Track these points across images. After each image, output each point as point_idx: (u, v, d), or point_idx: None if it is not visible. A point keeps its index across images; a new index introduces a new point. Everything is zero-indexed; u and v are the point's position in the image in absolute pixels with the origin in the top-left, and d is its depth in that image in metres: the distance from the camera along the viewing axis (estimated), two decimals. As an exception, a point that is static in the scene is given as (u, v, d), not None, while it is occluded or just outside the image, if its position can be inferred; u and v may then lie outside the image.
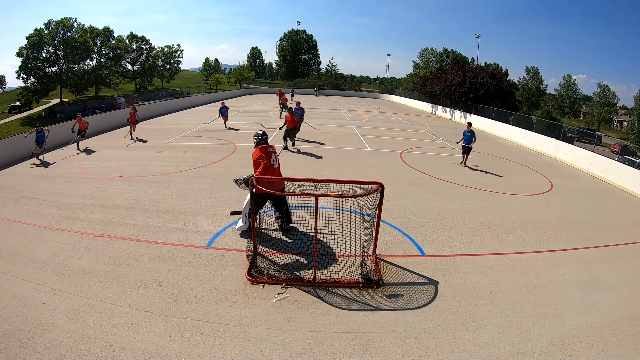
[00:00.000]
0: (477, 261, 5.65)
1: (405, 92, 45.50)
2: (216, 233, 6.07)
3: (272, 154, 5.74)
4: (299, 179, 5.28)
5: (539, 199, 9.06)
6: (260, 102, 31.47)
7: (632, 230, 7.49)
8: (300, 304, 4.37)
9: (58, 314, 4.00)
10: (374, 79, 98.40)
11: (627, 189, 10.64)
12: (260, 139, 5.88)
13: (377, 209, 4.84)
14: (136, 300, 4.29)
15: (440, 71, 33.65)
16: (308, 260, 5.19)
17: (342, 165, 10.82)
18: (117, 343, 3.62)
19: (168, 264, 5.10)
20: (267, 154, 5.68)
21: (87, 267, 4.95)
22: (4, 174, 9.36)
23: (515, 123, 20.01)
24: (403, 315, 4.28)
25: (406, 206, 7.70)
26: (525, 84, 57.34)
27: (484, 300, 4.65)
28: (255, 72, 70.44)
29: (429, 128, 21.50)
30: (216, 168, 9.98)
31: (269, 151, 5.73)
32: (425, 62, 62.27)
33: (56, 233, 5.93)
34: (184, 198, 7.57)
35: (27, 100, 40.67)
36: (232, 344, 3.70)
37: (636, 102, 47.08)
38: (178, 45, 62.85)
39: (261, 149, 5.70)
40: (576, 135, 24.47)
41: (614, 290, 5.11)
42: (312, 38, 75.30)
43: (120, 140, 13.74)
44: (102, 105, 38.03)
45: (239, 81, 62.82)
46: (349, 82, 71.74)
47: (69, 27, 42.27)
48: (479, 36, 46.54)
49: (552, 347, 3.89)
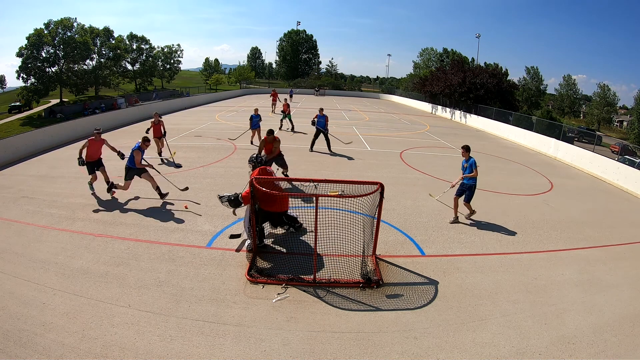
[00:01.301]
0: (477, 261, 5.65)
1: (405, 92, 45.54)
2: (216, 233, 6.06)
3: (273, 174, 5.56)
4: (299, 179, 5.28)
5: (539, 199, 9.06)
6: (260, 102, 31.45)
7: (632, 230, 7.49)
8: (300, 304, 4.37)
9: (58, 314, 4.00)
10: (374, 79, 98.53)
11: (627, 189, 10.64)
12: (256, 162, 5.74)
13: (377, 209, 4.84)
14: (136, 300, 4.29)
15: (440, 71, 33.68)
16: (308, 260, 5.18)
17: (342, 165, 10.82)
18: (117, 343, 3.62)
19: (168, 264, 5.10)
20: (267, 174, 5.46)
21: (87, 267, 4.95)
22: (4, 174, 9.35)
23: (515, 123, 20.01)
24: (403, 315, 4.28)
25: (406, 206, 7.70)
26: (525, 84, 57.35)
27: (484, 300, 4.65)
28: (255, 72, 70.42)
29: (429, 128, 21.51)
30: (216, 168, 9.98)
31: (268, 172, 5.52)
32: (425, 62, 62.26)
33: (56, 233, 5.93)
34: (184, 198, 7.57)
35: (27, 100, 40.68)
36: (232, 344, 3.70)
37: (636, 102, 47.10)
38: (178, 45, 62.94)
39: (260, 170, 5.46)
40: (576, 135, 24.49)
41: (614, 290, 5.11)
42: (312, 38, 75.36)
43: (120, 140, 13.72)
44: (102, 105, 38.06)
45: (239, 81, 62.84)
46: (349, 82, 71.87)
47: (69, 27, 42.30)
48: (479, 36, 46.60)
49: (552, 347, 3.89)
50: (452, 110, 28.61)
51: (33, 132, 12.96)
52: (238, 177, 9.02)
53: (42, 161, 10.67)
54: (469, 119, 25.45)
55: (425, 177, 10.16)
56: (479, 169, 6.79)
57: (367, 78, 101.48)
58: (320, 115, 12.14)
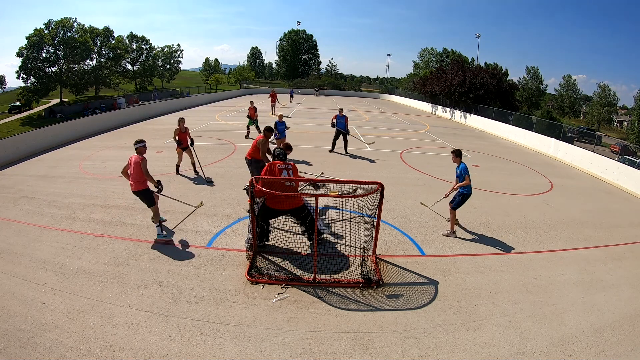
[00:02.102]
0: (477, 261, 5.65)
1: (405, 92, 45.54)
2: (216, 233, 6.06)
3: (284, 171, 5.29)
4: (299, 179, 5.28)
5: (539, 199, 9.06)
6: (260, 102, 31.43)
7: (632, 230, 7.49)
8: (300, 304, 4.37)
9: (58, 314, 4.00)
10: (374, 79, 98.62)
11: (627, 189, 10.63)
12: (274, 155, 5.61)
13: (377, 209, 4.84)
14: (136, 300, 4.29)
15: (440, 71, 33.67)
16: (308, 260, 5.18)
17: (342, 165, 10.82)
18: (117, 343, 3.62)
19: (168, 264, 5.10)
20: (278, 171, 5.28)
21: (87, 267, 4.95)
22: (4, 174, 9.36)
23: (515, 123, 20.00)
24: (403, 315, 4.28)
25: (406, 206, 7.70)
26: (525, 84, 57.38)
27: (484, 300, 4.65)
28: (255, 72, 70.44)
29: (428, 128, 21.51)
30: (216, 168, 9.97)
31: (280, 168, 5.31)
32: (425, 62, 62.27)
33: (56, 233, 5.93)
34: (183, 198, 7.56)
35: (27, 100, 40.66)
36: (232, 344, 3.70)
37: (636, 102, 47.11)
38: (178, 45, 63.02)
39: (271, 165, 5.36)
40: (576, 135, 24.49)
41: (614, 290, 5.11)
42: (312, 38, 75.42)
43: (120, 140, 13.72)
44: (102, 105, 38.04)
45: (239, 81, 62.85)
46: (349, 82, 71.87)
47: (69, 27, 42.26)
48: (479, 36, 46.52)
49: (552, 347, 3.89)
50: (452, 110, 28.60)
51: (33, 132, 12.96)
52: (238, 177, 9.02)
53: (42, 161, 10.67)
54: (469, 119, 25.45)
55: (425, 177, 10.16)
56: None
57: (367, 78, 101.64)
58: (340, 115, 11.91)
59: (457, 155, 6.19)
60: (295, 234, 5.97)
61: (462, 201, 6.16)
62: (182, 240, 5.78)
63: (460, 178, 6.12)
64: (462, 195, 6.14)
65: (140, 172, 5.47)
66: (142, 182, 5.55)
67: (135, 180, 5.53)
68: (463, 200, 6.15)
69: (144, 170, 5.45)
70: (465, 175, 6.02)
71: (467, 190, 6.10)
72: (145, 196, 5.63)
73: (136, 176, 5.50)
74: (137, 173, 5.49)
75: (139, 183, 5.54)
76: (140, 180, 5.52)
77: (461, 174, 6.07)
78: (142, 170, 5.44)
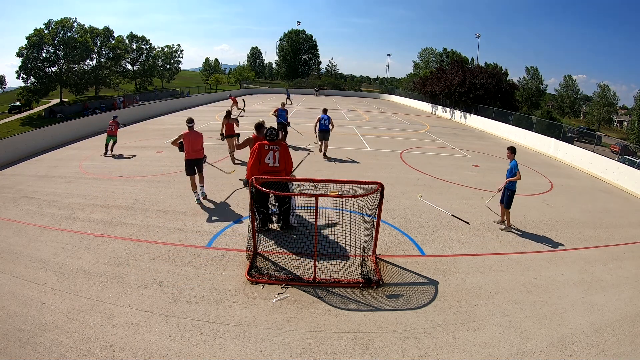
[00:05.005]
0: (477, 261, 5.65)
1: (405, 92, 45.52)
2: (216, 233, 6.06)
3: (270, 152, 5.64)
4: (299, 179, 5.29)
5: (539, 199, 9.07)
6: (260, 102, 31.45)
7: (632, 230, 7.49)
8: (300, 304, 4.37)
9: (58, 314, 4.00)
10: (374, 79, 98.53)
11: (627, 189, 10.64)
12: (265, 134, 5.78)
13: (377, 209, 4.84)
14: (136, 300, 4.29)
15: (440, 71, 33.65)
16: (308, 260, 5.18)
17: (342, 165, 10.82)
18: (117, 343, 3.61)
19: (168, 264, 5.10)
20: (264, 151, 5.64)
21: (87, 267, 4.95)
22: (4, 174, 9.36)
23: (515, 123, 20.01)
24: (403, 315, 4.28)
25: (406, 206, 7.70)
26: (525, 84, 57.36)
27: (484, 300, 4.65)
28: (255, 72, 70.40)
29: (428, 128, 21.51)
30: (216, 168, 9.95)
31: (266, 149, 5.66)
32: (425, 62, 62.25)
33: (56, 233, 5.93)
34: (184, 198, 7.57)
35: (27, 100, 40.61)
36: (232, 344, 3.70)
37: (636, 102, 47.14)
38: (178, 45, 62.79)
39: (258, 146, 5.65)
40: (576, 135, 24.49)
41: (614, 290, 5.11)
42: (312, 38, 75.33)
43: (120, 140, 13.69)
44: (102, 105, 38.04)
45: (239, 81, 62.82)
46: (349, 82, 71.79)
47: (69, 27, 42.22)
48: (479, 36, 46.58)
49: (552, 347, 3.89)
50: (452, 110, 28.61)
51: (33, 132, 12.99)
52: (238, 177, 9.02)
53: (42, 161, 10.67)
54: (469, 119, 25.45)
55: (425, 177, 10.16)
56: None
57: (367, 78, 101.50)
58: (282, 109, 12.56)
59: (512, 152, 6.74)
60: (295, 234, 5.98)
61: (512, 197, 6.65)
62: (182, 240, 5.78)
63: (508, 173, 6.65)
64: (510, 191, 6.62)
65: (202, 143, 7.11)
66: (201, 150, 7.16)
67: (196, 150, 7.02)
68: (512, 196, 6.64)
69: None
70: (516, 171, 6.56)
71: (511, 186, 6.62)
72: (202, 162, 7.23)
73: (198, 146, 7.05)
74: (200, 144, 7.08)
75: (199, 152, 7.10)
76: (200, 149, 7.12)
77: (512, 169, 6.60)
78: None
